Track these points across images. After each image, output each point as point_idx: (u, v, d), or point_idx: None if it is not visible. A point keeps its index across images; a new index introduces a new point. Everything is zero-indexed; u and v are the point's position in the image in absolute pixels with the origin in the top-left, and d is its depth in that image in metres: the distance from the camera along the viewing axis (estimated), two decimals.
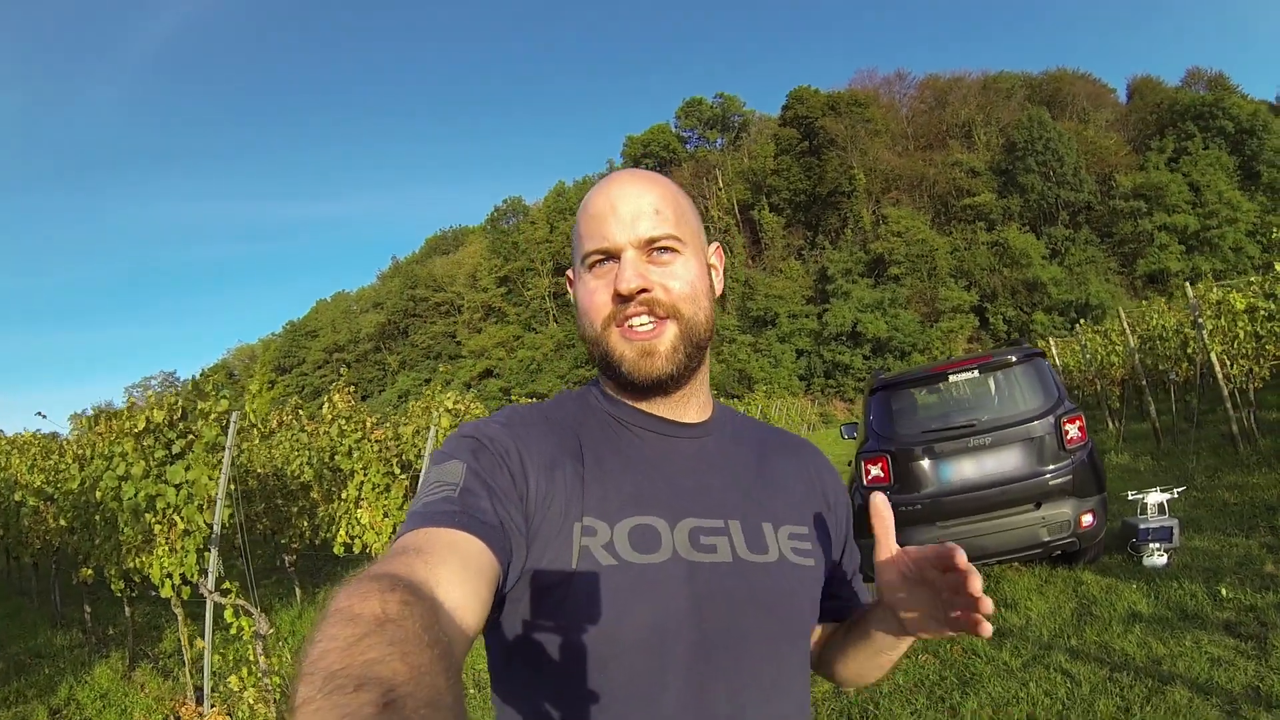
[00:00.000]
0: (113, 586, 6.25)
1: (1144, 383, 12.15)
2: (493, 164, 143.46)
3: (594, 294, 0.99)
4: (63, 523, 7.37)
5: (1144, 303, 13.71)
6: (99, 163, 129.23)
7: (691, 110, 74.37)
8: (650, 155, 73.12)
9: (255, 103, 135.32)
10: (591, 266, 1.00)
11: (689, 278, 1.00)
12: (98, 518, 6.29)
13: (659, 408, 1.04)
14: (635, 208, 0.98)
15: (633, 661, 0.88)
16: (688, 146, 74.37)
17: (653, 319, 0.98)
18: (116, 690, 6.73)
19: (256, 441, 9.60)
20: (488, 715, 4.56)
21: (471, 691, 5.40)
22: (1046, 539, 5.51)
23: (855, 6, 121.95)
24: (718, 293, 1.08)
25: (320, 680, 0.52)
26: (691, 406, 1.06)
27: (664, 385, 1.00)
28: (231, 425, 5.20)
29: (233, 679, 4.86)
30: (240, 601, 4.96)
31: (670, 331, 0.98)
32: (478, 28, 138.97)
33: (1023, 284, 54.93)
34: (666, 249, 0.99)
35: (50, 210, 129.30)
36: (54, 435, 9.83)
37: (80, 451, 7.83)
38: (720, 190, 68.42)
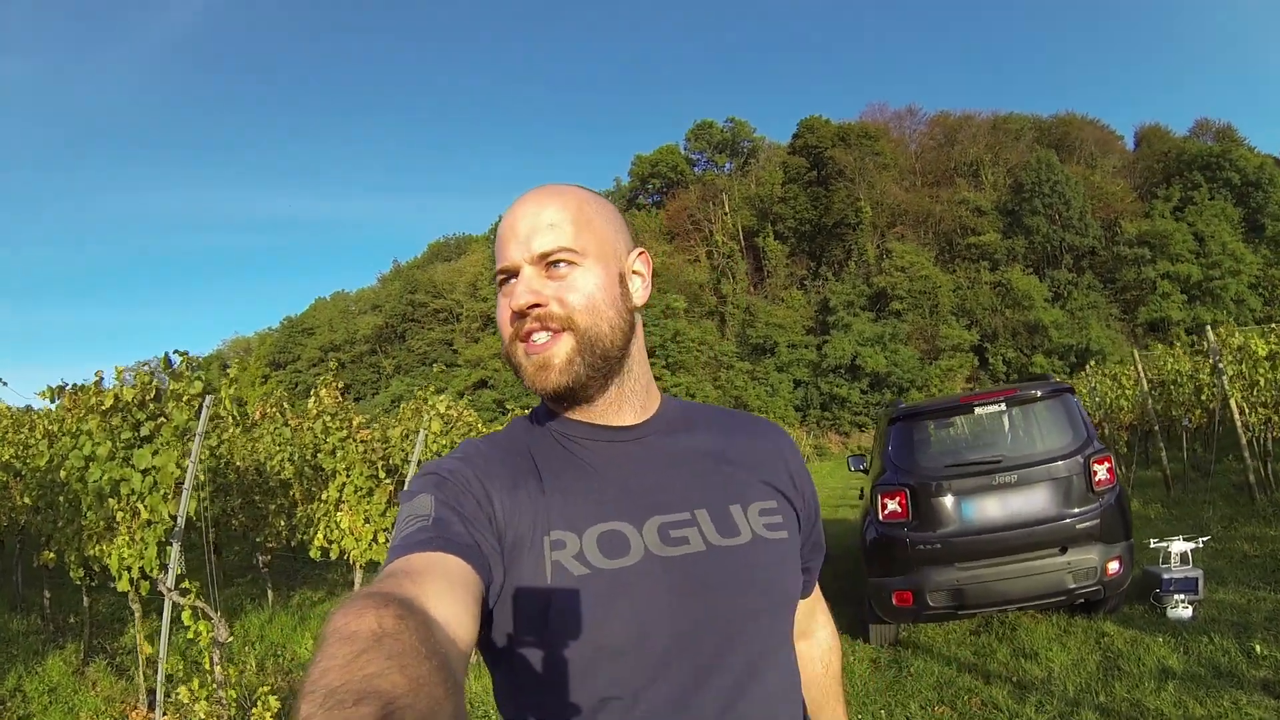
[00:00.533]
0: (71, 574, 5.90)
1: (1155, 428, 11.81)
2: (498, 173, 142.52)
3: (501, 313, 1.03)
4: (27, 501, 7.05)
5: (1161, 347, 13.43)
6: (103, 144, 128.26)
7: (701, 133, 74.26)
8: (658, 175, 73.04)
9: (266, 98, 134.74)
10: (501, 286, 1.04)
11: (587, 289, 1.01)
12: (61, 499, 5.92)
13: (595, 416, 1.06)
14: (530, 225, 1.00)
15: (621, 663, 0.90)
16: (696, 169, 74.02)
17: (548, 332, 0.99)
18: (67, 685, 6.39)
19: (237, 432, 9.24)
20: None
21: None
22: (1071, 586, 5.14)
23: (869, 39, 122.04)
24: (639, 300, 1.09)
25: (321, 697, 0.52)
26: (627, 409, 1.07)
27: (567, 395, 1.02)
28: (204, 410, 4.83)
29: (182, 690, 4.46)
30: (199, 603, 4.59)
31: (565, 344, 0.99)
32: (491, 39, 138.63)
33: (1024, 325, 54.63)
34: (562, 261, 1.00)
35: (51, 188, 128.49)
36: (28, 408, 9.45)
37: (50, 427, 7.50)
38: (726, 215, 68.17)
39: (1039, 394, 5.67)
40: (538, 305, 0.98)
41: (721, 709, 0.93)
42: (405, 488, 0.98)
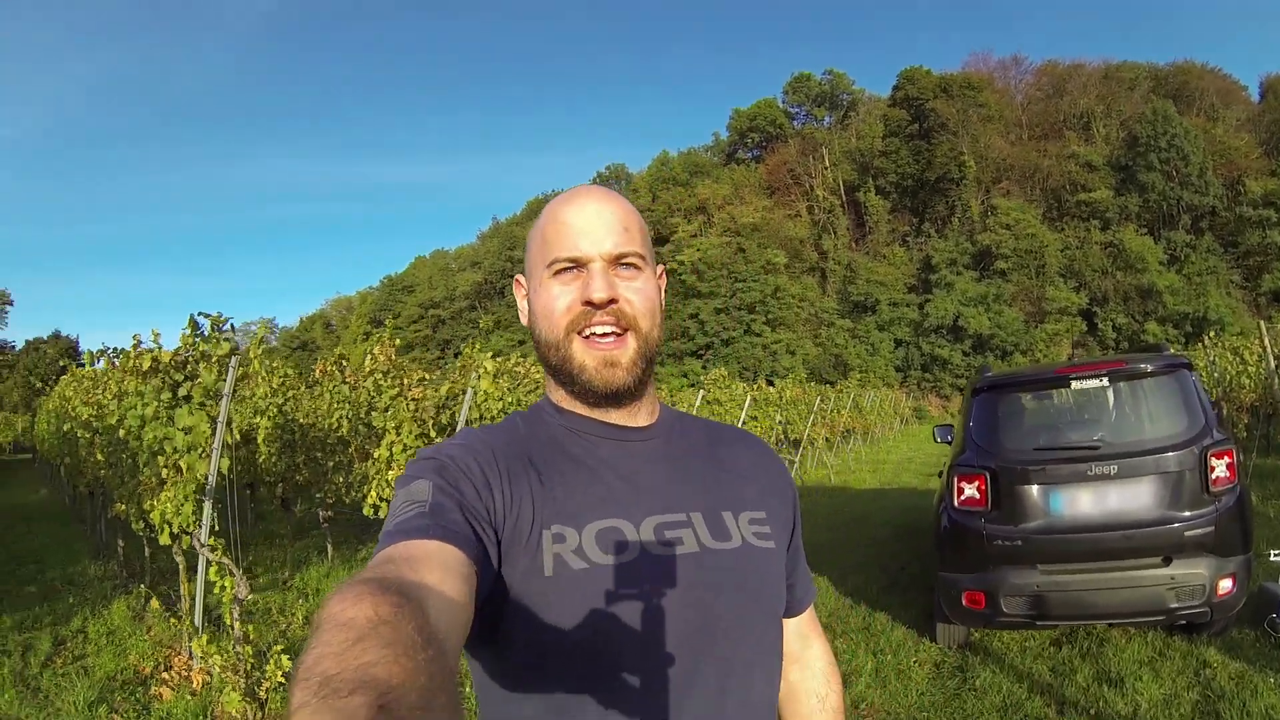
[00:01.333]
0: (133, 525, 6.10)
1: None
2: (597, 130, 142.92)
3: (557, 299, 1.02)
4: (100, 457, 7.29)
5: None
6: (210, 118, 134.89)
7: (799, 86, 72.26)
8: (756, 129, 71.62)
9: (366, 68, 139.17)
10: (558, 273, 1.02)
11: (649, 293, 1.04)
12: (124, 455, 6.16)
13: (617, 417, 1.07)
14: (606, 222, 1.02)
15: (616, 658, 0.90)
16: (794, 123, 72.23)
17: (616, 330, 1.01)
18: (125, 628, 6.69)
19: (303, 389, 9.32)
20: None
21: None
22: (1173, 605, 4.37)
23: None
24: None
25: (316, 685, 0.51)
26: (642, 412, 1.09)
27: (621, 396, 1.04)
28: (231, 371, 4.69)
29: (195, 644, 4.38)
30: (224, 559, 4.51)
31: (631, 345, 1.02)
32: None
33: (1136, 290, 51.48)
34: (631, 265, 1.03)
35: (164, 160, 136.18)
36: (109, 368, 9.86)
37: (117, 388, 7.72)
38: (826, 170, 66.37)
39: (1150, 369, 4.87)
40: (614, 301, 1.00)
41: (711, 707, 0.94)
42: (403, 471, 0.96)
